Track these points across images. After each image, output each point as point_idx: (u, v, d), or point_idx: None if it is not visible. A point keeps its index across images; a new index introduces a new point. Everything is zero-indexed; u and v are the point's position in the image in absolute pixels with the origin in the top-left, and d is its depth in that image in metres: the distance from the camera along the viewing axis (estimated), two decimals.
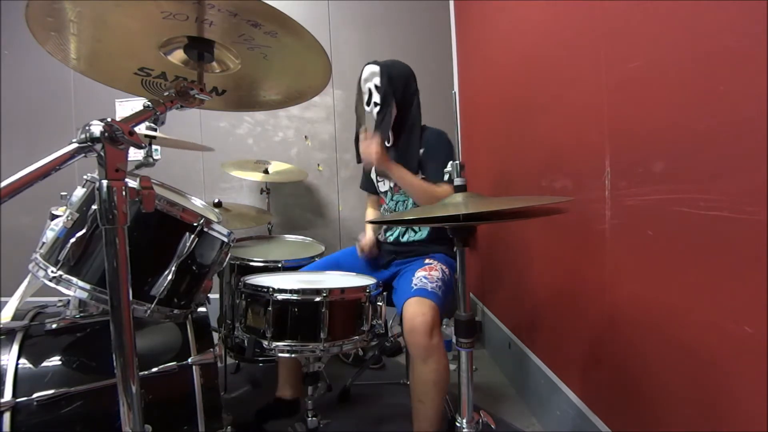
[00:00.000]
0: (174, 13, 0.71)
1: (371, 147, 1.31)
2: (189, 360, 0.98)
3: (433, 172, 1.37)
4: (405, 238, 1.50)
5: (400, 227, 1.51)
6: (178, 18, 0.72)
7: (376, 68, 1.43)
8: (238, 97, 1.03)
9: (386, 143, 1.46)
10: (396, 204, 1.54)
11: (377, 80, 1.43)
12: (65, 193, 0.92)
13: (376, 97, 1.43)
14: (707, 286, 0.77)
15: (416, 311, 1.16)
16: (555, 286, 1.42)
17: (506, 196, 1.80)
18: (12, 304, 1.14)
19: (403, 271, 1.42)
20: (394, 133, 1.47)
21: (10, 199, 0.51)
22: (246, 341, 1.12)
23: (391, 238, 1.53)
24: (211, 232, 0.95)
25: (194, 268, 0.95)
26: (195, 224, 0.92)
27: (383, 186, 1.59)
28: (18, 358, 0.87)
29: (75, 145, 0.57)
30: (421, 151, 1.46)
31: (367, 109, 1.49)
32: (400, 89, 1.44)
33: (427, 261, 1.39)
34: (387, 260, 1.50)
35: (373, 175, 1.63)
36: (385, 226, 1.57)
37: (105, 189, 0.57)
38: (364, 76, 1.47)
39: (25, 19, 0.71)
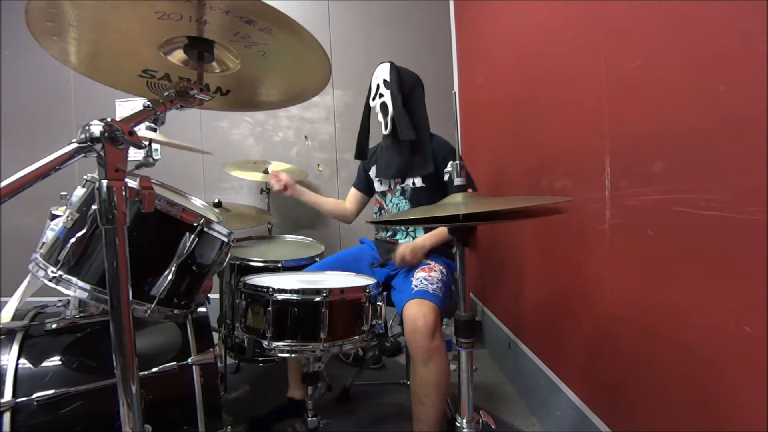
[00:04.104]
0: (168, 12, 0.71)
1: (406, 256, 1.37)
2: (189, 360, 0.98)
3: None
4: (403, 241, 1.51)
5: (399, 228, 1.52)
6: (172, 18, 0.72)
7: (387, 65, 1.49)
8: (240, 97, 1.03)
9: (401, 136, 1.45)
10: (395, 206, 1.54)
11: (387, 75, 1.47)
12: (65, 193, 0.92)
13: (383, 89, 1.47)
14: (707, 286, 0.77)
15: (418, 313, 1.16)
16: (555, 286, 1.42)
17: (506, 196, 1.80)
18: (12, 304, 1.14)
19: (402, 271, 1.43)
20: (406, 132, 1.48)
21: (10, 199, 0.51)
22: (246, 341, 1.12)
23: (391, 237, 1.54)
24: (211, 232, 0.95)
25: (194, 268, 0.95)
26: (195, 224, 0.91)
27: (381, 186, 1.58)
28: (18, 358, 0.87)
29: (75, 145, 0.57)
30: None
31: (372, 103, 1.53)
32: (407, 88, 1.47)
33: (424, 261, 1.39)
34: (385, 259, 1.50)
35: (372, 173, 1.63)
36: (384, 226, 1.57)
37: (105, 189, 0.57)
38: (375, 73, 1.52)
39: (26, 24, 0.71)
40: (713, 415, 0.76)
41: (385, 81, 1.47)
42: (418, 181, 1.49)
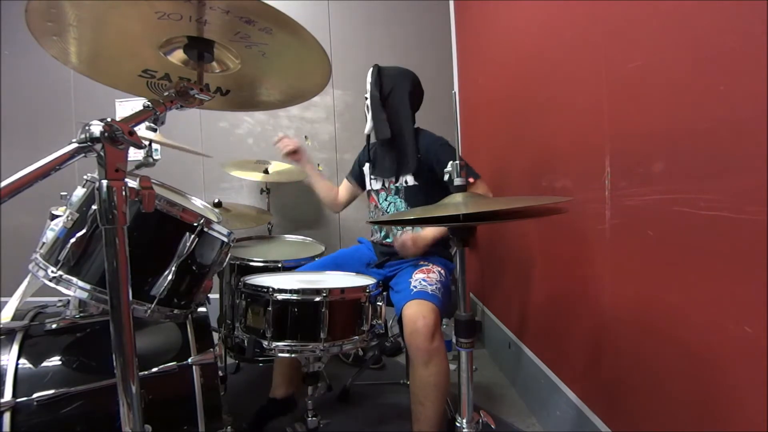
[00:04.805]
0: (168, 12, 0.71)
1: (407, 243, 1.35)
2: (189, 360, 0.98)
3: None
4: None
5: (397, 229, 1.51)
6: (172, 18, 0.72)
7: (372, 68, 1.52)
8: (240, 97, 1.03)
9: (378, 135, 1.49)
10: (389, 205, 1.54)
11: (370, 77, 1.51)
12: (65, 193, 0.92)
13: (368, 93, 1.52)
14: (707, 286, 0.77)
15: (417, 314, 1.16)
16: (555, 286, 1.42)
17: (506, 196, 1.80)
18: (12, 304, 1.14)
19: (400, 272, 1.42)
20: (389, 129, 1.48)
21: (10, 199, 0.51)
22: (246, 341, 1.12)
23: (385, 238, 1.53)
24: (211, 232, 0.95)
25: (194, 268, 0.95)
26: (195, 224, 0.91)
27: (376, 184, 1.58)
28: (18, 358, 0.87)
29: (75, 145, 0.57)
30: (418, 156, 1.47)
31: (366, 109, 1.54)
32: (388, 85, 1.49)
33: (422, 263, 1.39)
34: (381, 261, 1.50)
35: (366, 169, 1.63)
36: (378, 227, 1.56)
37: (105, 189, 0.57)
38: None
39: (26, 24, 0.71)
40: (713, 415, 0.76)
41: (370, 83, 1.50)
42: (410, 179, 1.48)
